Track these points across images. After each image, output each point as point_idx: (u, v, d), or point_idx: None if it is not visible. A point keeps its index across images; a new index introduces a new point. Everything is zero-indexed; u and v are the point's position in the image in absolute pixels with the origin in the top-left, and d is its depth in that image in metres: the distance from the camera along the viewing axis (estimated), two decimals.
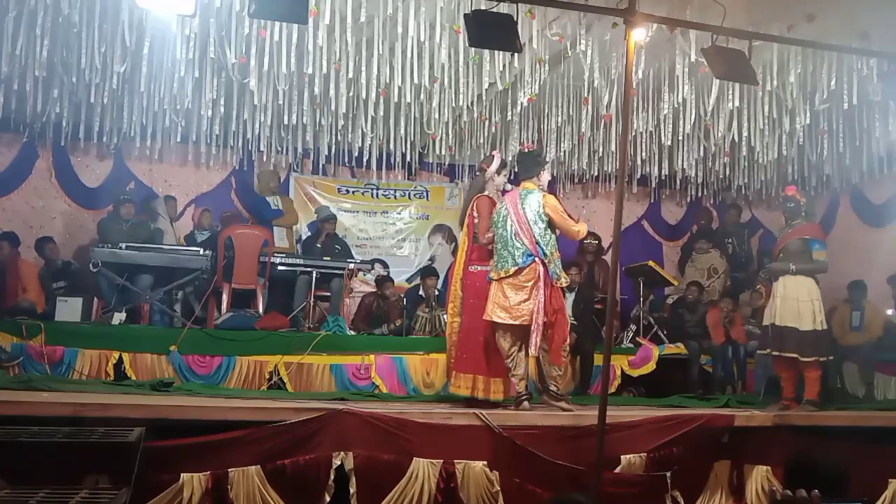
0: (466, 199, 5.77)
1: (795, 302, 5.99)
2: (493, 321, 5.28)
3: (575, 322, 6.69)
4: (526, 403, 5.24)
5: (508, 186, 5.71)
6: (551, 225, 5.31)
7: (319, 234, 8.29)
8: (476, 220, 5.54)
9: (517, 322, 5.17)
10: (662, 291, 8.95)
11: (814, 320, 5.96)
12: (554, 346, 5.27)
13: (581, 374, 7.09)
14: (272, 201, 8.35)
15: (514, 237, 5.24)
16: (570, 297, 7.03)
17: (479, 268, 5.52)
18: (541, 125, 7.81)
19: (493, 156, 5.77)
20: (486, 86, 6.50)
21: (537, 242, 5.22)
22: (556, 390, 5.34)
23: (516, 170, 5.84)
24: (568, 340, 5.42)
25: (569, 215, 5.49)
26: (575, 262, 7.57)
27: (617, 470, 4.94)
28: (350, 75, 6.22)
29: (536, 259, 5.20)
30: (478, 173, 5.87)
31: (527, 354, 5.40)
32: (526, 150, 5.76)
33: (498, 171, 5.64)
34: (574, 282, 7.09)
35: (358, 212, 9.47)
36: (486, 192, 5.63)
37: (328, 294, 7.67)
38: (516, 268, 5.20)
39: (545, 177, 5.58)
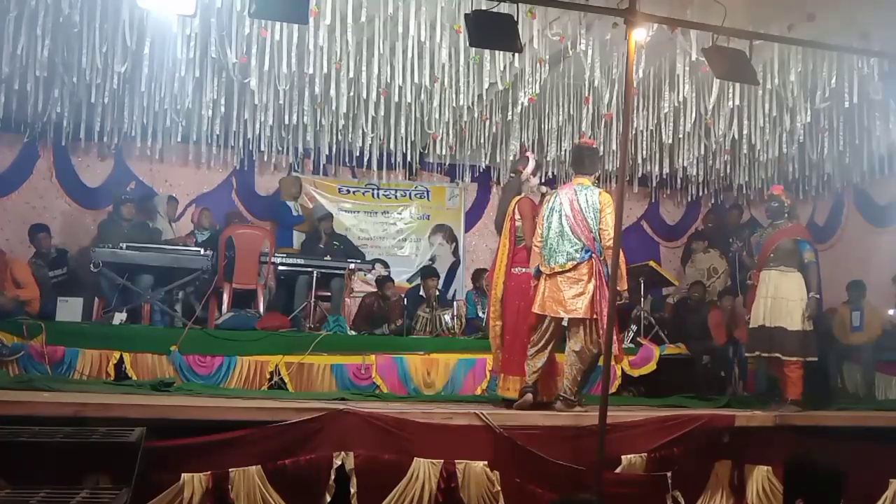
0: (503, 202, 5.73)
1: (785, 301, 5.95)
2: (538, 314, 5.25)
3: None
4: (529, 396, 5.22)
5: (543, 189, 5.68)
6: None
7: (320, 234, 8.30)
8: (518, 223, 5.50)
9: (570, 316, 5.16)
10: (662, 291, 8.94)
11: (802, 320, 5.92)
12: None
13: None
14: (293, 207, 8.41)
15: (570, 232, 5.19)
16: None
17: (523, 270, 5.46)
18: (541, 125, 7.83)
19: (528, 157, 5.75)
20: (486, 85, 6.50)
21: (595, 239, 5.17)
22: (572, 396, 5.27)
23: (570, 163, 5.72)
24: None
25: None
26: None
27: (617, 470, 4.91)
28: (351, 75, 6.22)
29: (594, 255, 5.16)
30: (512, 175, 5.83)
31: (553, 351, 5.35)
32: (587, 145, 5.66)
33: (533, 173, 5.63)
34: None
35: (358, 212, 9.48)
36: (523, 194, 5.60)
37: (329, 294, 7.67)
38: (574, 263, 5.15)
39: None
